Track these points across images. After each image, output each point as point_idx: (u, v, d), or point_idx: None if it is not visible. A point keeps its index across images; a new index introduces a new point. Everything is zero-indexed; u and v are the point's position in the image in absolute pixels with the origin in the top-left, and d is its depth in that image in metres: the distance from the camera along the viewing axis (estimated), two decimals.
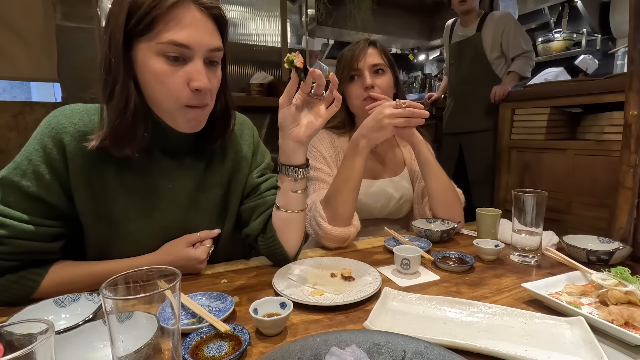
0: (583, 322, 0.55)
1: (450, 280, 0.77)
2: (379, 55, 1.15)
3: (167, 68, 0.63)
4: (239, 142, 0.87)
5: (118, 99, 0.64)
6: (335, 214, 0.96)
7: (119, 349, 0.37)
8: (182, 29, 0.62)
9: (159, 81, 0.63)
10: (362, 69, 1.14)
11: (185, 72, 0.64)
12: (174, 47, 0.62)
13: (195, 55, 0.64)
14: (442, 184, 1.08)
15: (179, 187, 0.77)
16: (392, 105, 0.94)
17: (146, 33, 0.61)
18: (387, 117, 0.93)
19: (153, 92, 0.66)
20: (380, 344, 0.47)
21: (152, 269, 0.41)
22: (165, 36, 0.61)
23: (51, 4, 2.02)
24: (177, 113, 0.67)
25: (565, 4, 3.22)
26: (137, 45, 0.63)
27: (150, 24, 0.61)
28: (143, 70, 0.64)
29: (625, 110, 0.90)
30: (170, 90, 0.64)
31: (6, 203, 0.64)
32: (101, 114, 0.66)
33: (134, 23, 0.61)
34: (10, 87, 4.32)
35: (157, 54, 0.62)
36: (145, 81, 0.65)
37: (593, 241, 0.89)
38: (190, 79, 0.64)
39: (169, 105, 0.66)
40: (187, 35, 0.62)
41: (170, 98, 0.65)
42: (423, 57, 4.86)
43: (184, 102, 0.65)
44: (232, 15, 3.09)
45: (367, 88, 1.12)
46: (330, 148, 1.19)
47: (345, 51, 1.20)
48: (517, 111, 2.30)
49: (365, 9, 3.40)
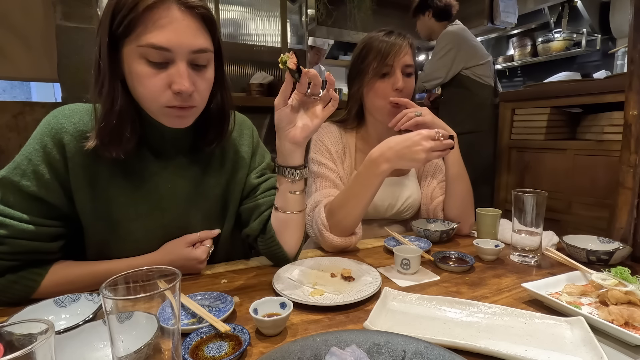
0: (583, 322, 0.55)
1: (450, 281, 0.77)
2: (411, 56, 1.07)
3: (148, 70, 0.62)
4: (239, 143, 0.87)
5: (104, 100, 0.64)
6: (338, 225, 0.92)
7: (119, 349, 0.37)
8: (161, 31, 0.60)
9: (141, 83, 0.63)
10: (396, 67, 1.05)
11: (167, 75, 0.63)
12: (154, 50, 0.60)
13: (177, 58, 0.62)
14: (467, 186, 1.06)
15: (178, 187, 0.77)
16: (431, 136, 0.83)
17: (128, 35, 0.61)
18: (425, 151, 0.82)
19: (136, 94, 0.66)
20: (380, 344, 0.47)
21: (152, 269, 0.41)
22: (145, 39, 0.60)
23: (51, 4, 2.01)
24: (159, 112, 0.67)
25: (565, 4, 3.22)
26: (123, 47, 0.63)
27: (130, 26, 0.60)
28: (128, 72, 0.64)
29: (625, 110, 0.90)
30: (151, 92, 0.63)
31: (6, 203, 0.64)
32: (95, 114, 0.67)
33: (117, 24, 0.60)
34: (10, 87, 4.32)
35: (139, 57, 0.61)
36: (130, 82, 0.65)
37: (593, 241, 0.89)
38: (171, 82, 0.63)
39: (150, 105, 0.66)
40: (167, 37, 0.60)
41: (151, 100, 0.64)
42: (423, 57, 4.86)
43: (164, 103, 0.64)
44: (232, 15, 3.09)
45: (397, 89, 1.05)
46: (337, 142, 1.13)
47: (376, 41, 1.07)
48: (517, 111, 2.30)
49: (365, 9, 3.40)
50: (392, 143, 0.86)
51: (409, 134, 0.86)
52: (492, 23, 3.07)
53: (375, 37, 1.08)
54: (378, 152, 0.87)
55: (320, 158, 1.11)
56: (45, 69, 2.06)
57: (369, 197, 0.91)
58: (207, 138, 0.78)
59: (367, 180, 0.89)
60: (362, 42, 1.12)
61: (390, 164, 0.86)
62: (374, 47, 1.06)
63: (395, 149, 0.85)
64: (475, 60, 2.36)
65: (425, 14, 2.39)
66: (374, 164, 0.87)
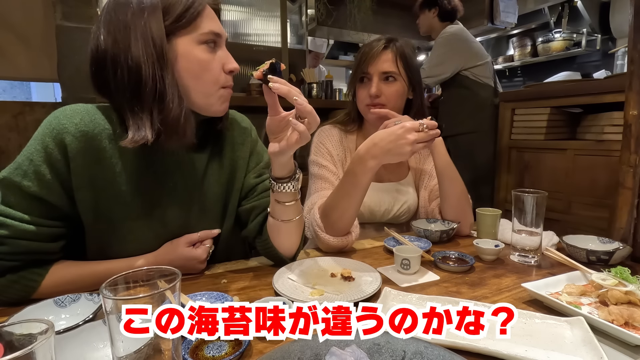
0: (583, 322, 0.55)
1: (450, 280, 0.77)
2: (393, 61, 1.09)
3: (208, 56, 0.71)
4: (237, 142, 0.87)
5: (169, 95, 0.67)
6: (332, 225, 0.93)
7: (119, 349, 0.37)
8: (214, 21, 0.73)
9: (204, 68, 0.71)
10: (372, 73, 1.09)
11: (219, 57, 0.73)
12: (214, 35, 0.71)
13: (223, 43, 0.75)
14: (459, 186, 1.06)
15: (178, 186, 0.77)
16: (414, 128, 0.84)
17: (187, 26, 0.69)
18: (410, 144, 0.83)
19: (196, 81, 0.71)
20: (380, 344, 0.47)
21: (152, 269, 0.41)
22: (206, 27, 0.70)
23: (51, 4, 2.01)
24: (215, 96, 0.74)
25: (565, 4, 3.22)
26: (176, 40, 0.69)
27: (190, 19, 0.69)
28: (187, 61, 0.70)
29: (625, 110, 0.90)
30: (213, 74, 0.72)
31: (7, 203, 0.64)
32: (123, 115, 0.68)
33: (174, 19, 0.68)
34: (10, 87, 4.32)
35: (198, 44, 0.70)
36: (187, 71, 0.70)
37: (593, 241, 0.89)
38: (224, 63, 0.74)
39: (210, 89, 0.73)
40: (217, 25, 0.73)
41: (213, 82, 0.73)
42: (423, 57, 4.87)
43: (221, 84, 0.74)
44: (232, 15, 3.09)
45: (371, 96, 1.09)
46: (338, 146, 1.15)
47: (364, 47, 1.13)
48: (517, 111, 2.30)
49: (365, 9, 3.39)
50: (377, 139, 0.87)
51: (392, 128, 0.86)
52: (492, 23, 3.07)
53: (367, 42, 1.15)
54: (364, 149, 0.88)
55: (320, 160, 1.11)
56: (45, 69, 2.06)
57: (359, 195, 0.91)
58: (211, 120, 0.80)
59: (356, 178, 0.89)
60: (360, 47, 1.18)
61: (377, 160, 0.86)
62: (359, 53, 1.14)
63: (380, 145, 0.86)
64: (474, 60, 2.37)
65: (431, 10, 2.40)
66: (361, 161, 0.88)
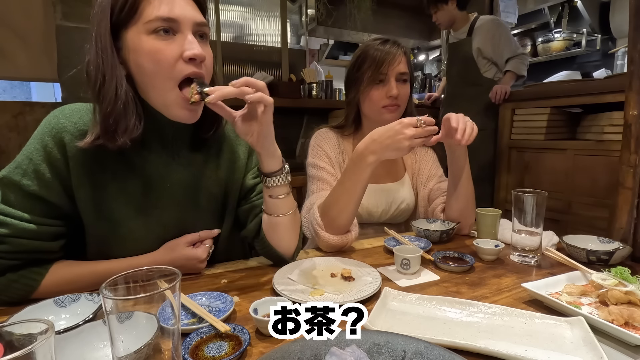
0: (583, 322, 0.55)
1: (450, 280, 0.77)
2: (406, 64, 1.11)
3: (159, 43, 0.63)
4: (236, 143, 0.87)
5: (107, 89, 0.64)
6: (332, 223, 0.93)
7: (119, 349, 0.37)
8: (164, 4, 0.63)
9: (154, 59, 0.63)
10: (390, 75, 1.09)
11: (177, 45, 0.64)
12: (162, 22, 0.63)
13: (184, 28, 0.65)
14: (472, 186, 1.06)
15: (177, 186, 0.77)
16: (412, 124, 0.85)
17: (132, 17, 0.63)
18: (408, 139, 0.84)
19: (149, 75, 0.65)
20: (380, 344, 0.47)
21: (152, 269, 0.41)
22: (151, 14, 0.62)
23: (51, 4, 2.02)
24: (170, 95, 0.66)
25: (565, 4, 3.22)
26: (126, 33, 0.64)
27: (133, 7, 0.62)
28: (137, 54, 0.64)
29: (625, 110, 0.90)
30: (164, 66, 0.64)
31: (7, 202, 0.64)
32: (94, 112, 0.66)
33: (118, 11, 0.63)
34: (10, 87, 4.31)
35: (146, 34, 0.63)
36: (139, 66, 0.65)
37: (593, 241, 0.89)
38: (182, 50, 0.64)
39: (164, 85, 0.65)
40: (170, 8, 0.63)
41: (165, 76, 0.65)
42: (423, 57, 4.87)
43: (179, 75, 0.65)
44: (232, 15, 3.09)
45: (390, 97, 1.08)
46: (336, 148, 1.16)
47: (371, 49, 1.11)
48: (517, 111, 2.30)
49: (365, 9, 3.40)
50: (375, 135, 0.89)
51: (390, 124, 0.88)
52: None
53: (370, 45, 1.12)
54: (363, 145, 0.90)
55: (318, 162, 1.12)
56: (45, 69, 2.06)
57: (359, 191, 0.92)
58: (204, 127, 0.78)
59: (355, 174, 0.90)
60: (358, 51, 1.16)
61: (376, 156, 0.88)
62: (369, 56, 1.10)
63: (378, 141, 0.88)
64: None
65: (449, 3, 2.43)
66: (361, 157, 0.89)
